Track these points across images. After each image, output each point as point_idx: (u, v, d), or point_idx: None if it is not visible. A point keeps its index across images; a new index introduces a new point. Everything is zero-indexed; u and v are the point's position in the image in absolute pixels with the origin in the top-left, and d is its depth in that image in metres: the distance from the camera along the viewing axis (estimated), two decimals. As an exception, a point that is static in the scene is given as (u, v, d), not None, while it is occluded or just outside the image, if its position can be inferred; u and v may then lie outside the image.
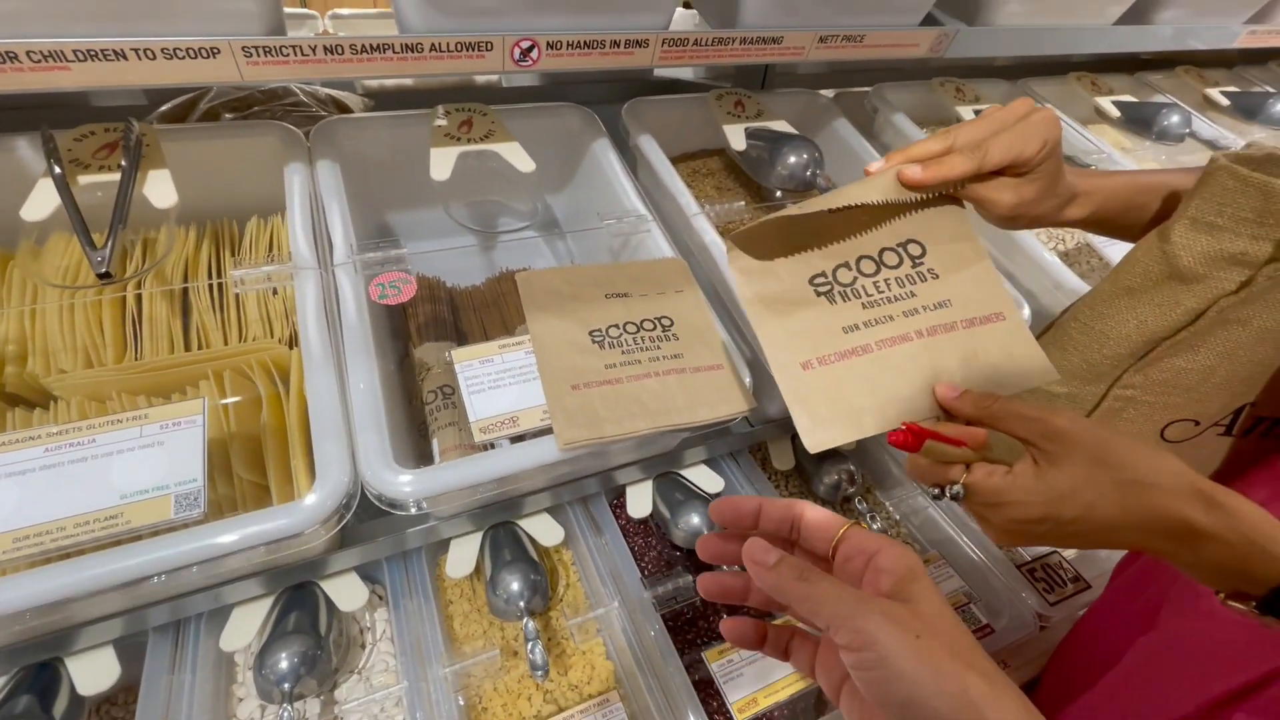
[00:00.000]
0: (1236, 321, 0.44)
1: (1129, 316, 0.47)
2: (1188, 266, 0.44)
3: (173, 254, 0.66)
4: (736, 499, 0.39)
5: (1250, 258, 0.43)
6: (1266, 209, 0.41)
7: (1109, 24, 0.93)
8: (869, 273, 0.47)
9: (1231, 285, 0.44)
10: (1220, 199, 0.43)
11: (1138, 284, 0.47)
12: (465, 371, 0.56)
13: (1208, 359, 0.45)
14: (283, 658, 0.55)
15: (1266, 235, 0.42)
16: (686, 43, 0.69)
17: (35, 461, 0.45)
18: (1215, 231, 0.43)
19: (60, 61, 0.50)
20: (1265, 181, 0.41)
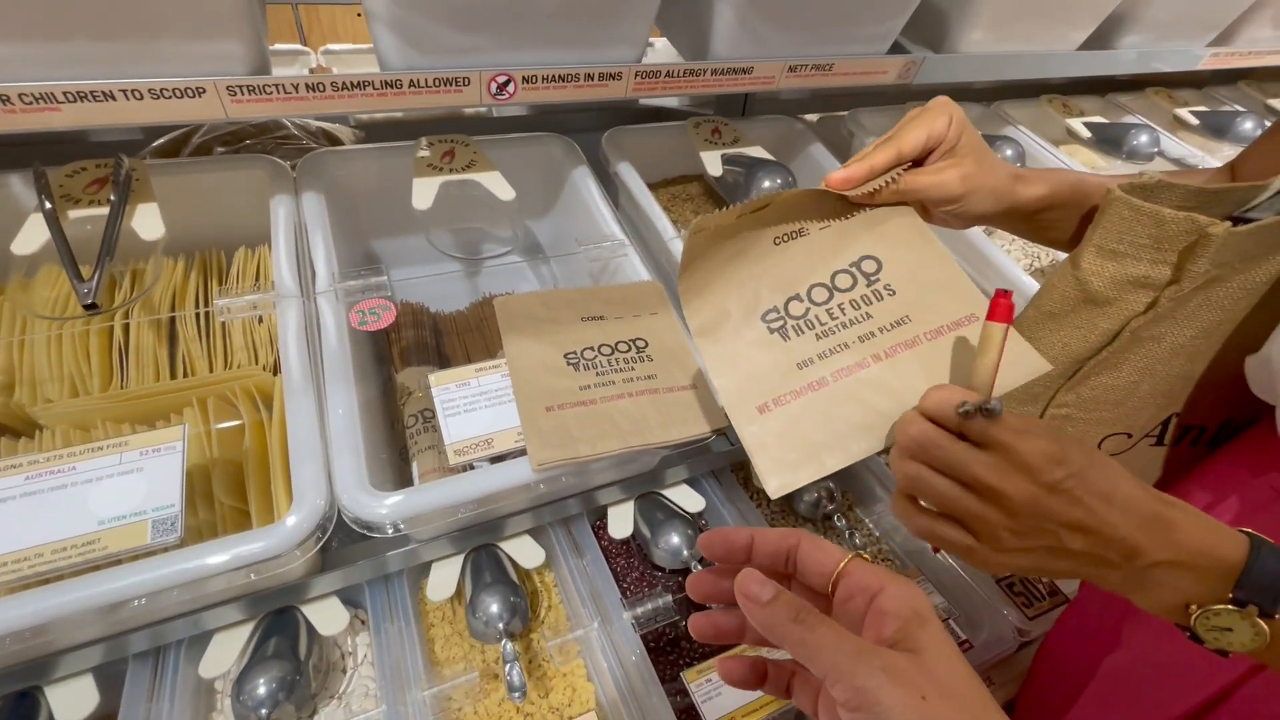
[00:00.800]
0: (1151, 339, 0.47)
1: (1054, 340, 0.50)
2: (1099, 290, 0.47)
3: (159, 284, 0.68)
4: (727, 531, 0.35)
5: (1153, 280, 0.45)
6: (1161, 235, 0.44)
7: (1073, 49, 0.97)
8: (821, 301, 0.46)
9: (1140, 306, 0.46)
10: (1120, 228, 0.45)
11: (1057, 309, 0.49)
12: (442, 395, 0.57)
13: (1130, 375, 0.48)
14: (260, 683, 0.55)
15: (1164, 259, 0.44)
16: (659, 74, 0.72)
17: (15, 489, 0.46)
18: (1119, 257, 0.46)
19: (51, 103, 0.52)
20: (1156, 210, 0.43)
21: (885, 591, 0.30)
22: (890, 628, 0.29)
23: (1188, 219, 0.43)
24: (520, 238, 0.90)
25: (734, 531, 0.35)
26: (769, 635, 0.31)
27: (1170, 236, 0.43)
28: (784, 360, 0.45)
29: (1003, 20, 0.86)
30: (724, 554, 0.35)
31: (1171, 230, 0.43)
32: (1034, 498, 0.34)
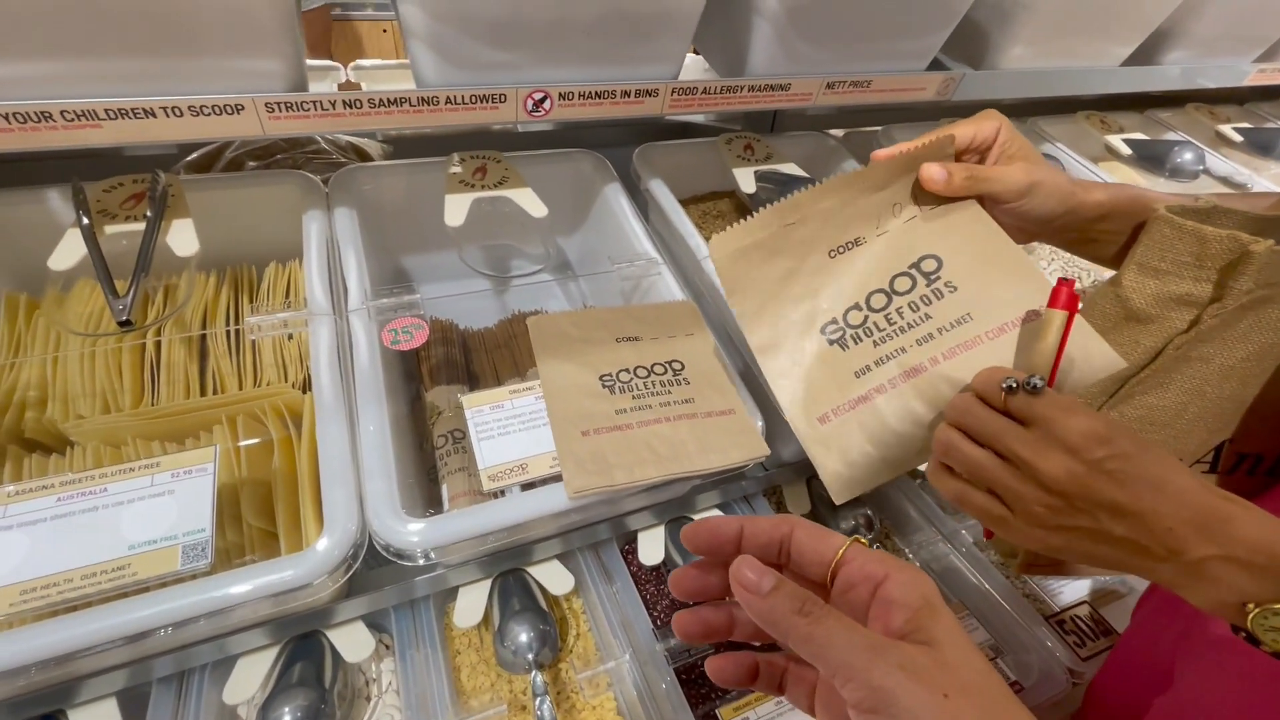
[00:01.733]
0: (1198, 359, 0.46)
1: None
2: (1140, 308, 0.47)
3: (192, 300, 0.68)
4: (715, 520, 0.32)
5: (1195, 298, 0.45)
6: (1203, 253, 0.44)
7: (1115, 65, 0.94)
8: (879, 307, 0.46)
9: (1182, 324, 0.46)
10: (1162, 245, 0.45)
11: (1099, 326, 0.49)
12: (475, 418, 0.56)
13: (1178, 396, 0.47)
14: (285, 712, 0.53)
15: (1205, 277, 0.44)
16: (695, 91, 0.71)
17: (47, 511, 0.45)
18: (1160, 275, 0.46)
19: (92, 120, 0.52)
20: (1197, 228, 0.43)
21: (891, 579, 0.28)
22: (899, 618, 0.27)
23: (1230, 237, 0.43)
24: (553, 255, 0.88)
25: (721, 521, 0.32)
26: (770, 629, 0.28)
27: (1212, 254, 0.43)
28: (843, 370, 0.46)
29: (1045, 36, 0.84)
30: (710, 546, 0.32)
31: (1214, 248, 0.43)
32: (1072, 475, 0.34)
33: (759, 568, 0.28)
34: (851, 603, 0.29)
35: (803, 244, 0.48)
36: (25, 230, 0.67)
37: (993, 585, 0.72)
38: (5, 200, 0.67)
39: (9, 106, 0.49)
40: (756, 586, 0.28)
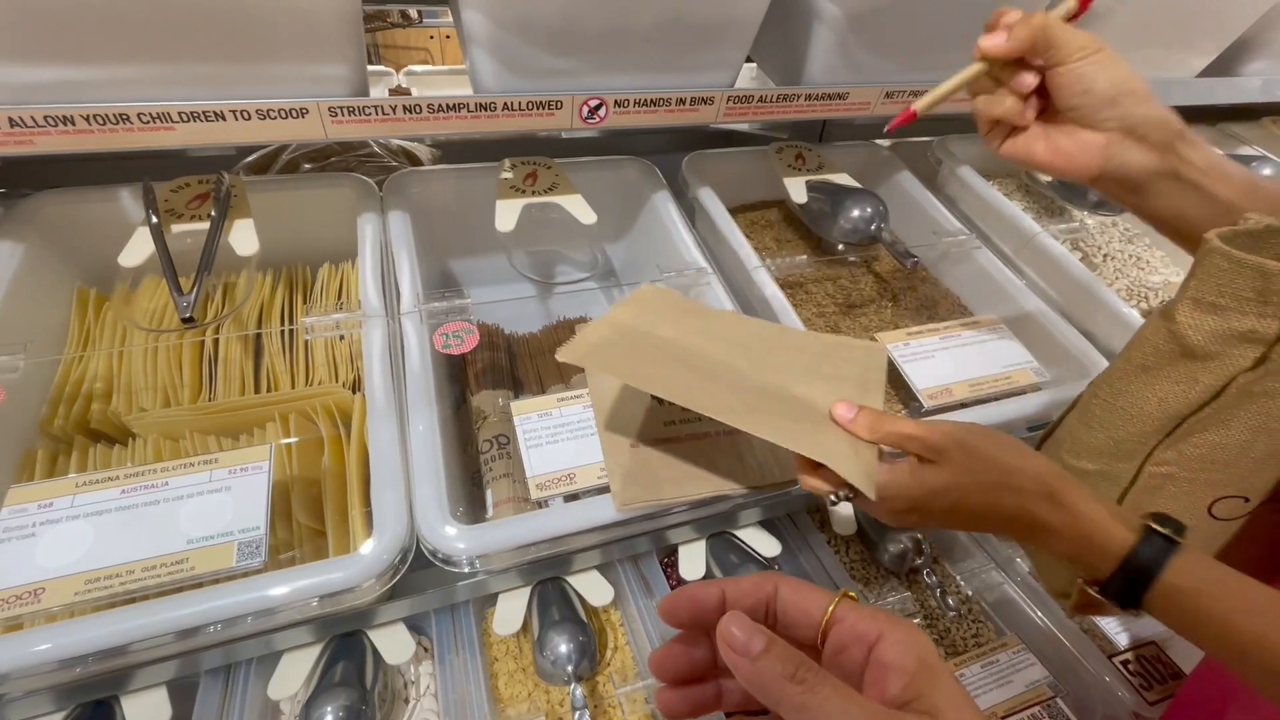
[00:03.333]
0: (1265, 394, 0.43)
1: (1149, 394, 0.46)
2: (1198, 344, 0.43)
3: (250, 299, 0.69)
4: (693, 589, 0.29)
5: (1261, 335, 0.42)
6: (1267, 288, 0.41)
7: (1191, 77, 0.90)
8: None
9: (1247, 361, 0.43)
10: (1218, 280, 0.42)
11: (1151, 362, 0.46)
12: (524, 425, 0.56)
13: (1242, 433, 0.44)
14: (328, 711, 0.54)
15: (1272, 313, 0.41)
16: (751, 100, 0.70)
17: (111, 503, 0.46)
18: (1220, 311, 0.43)
19: (166, 122, 0.54)
20: (1259, 263, 0.40)
21: (885, 639, 0.26)
22: (897, 684, 0.25)
23: None
24: (601, 262, 0.88)
25: (700, 589, 0.29)
26: (761, 696, 0.26)
27: (1277, 290, 0.40)
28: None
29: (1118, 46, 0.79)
30: (693, 617, 0.29)
31: (1278, 284, 0.40)
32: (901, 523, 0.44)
33: (748, 626, 0.26)
34: (845, 666, 0.27)
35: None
36: (96, 227, 0.70)
37: (1051, 618, 0.69)
38: (79, 198, 0.69)
39: (90, 109, 0.51)
40: (745, 648, 0.25)
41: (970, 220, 0.94)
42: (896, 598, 0.73)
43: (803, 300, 0.81)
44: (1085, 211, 0.98)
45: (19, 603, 0.41)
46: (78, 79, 0.51)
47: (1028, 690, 0.63)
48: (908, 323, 0.82)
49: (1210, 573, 0.38)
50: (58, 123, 0.51)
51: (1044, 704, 0.62)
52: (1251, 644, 0.36)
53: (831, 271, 0.86)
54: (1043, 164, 0.52)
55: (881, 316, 0.83)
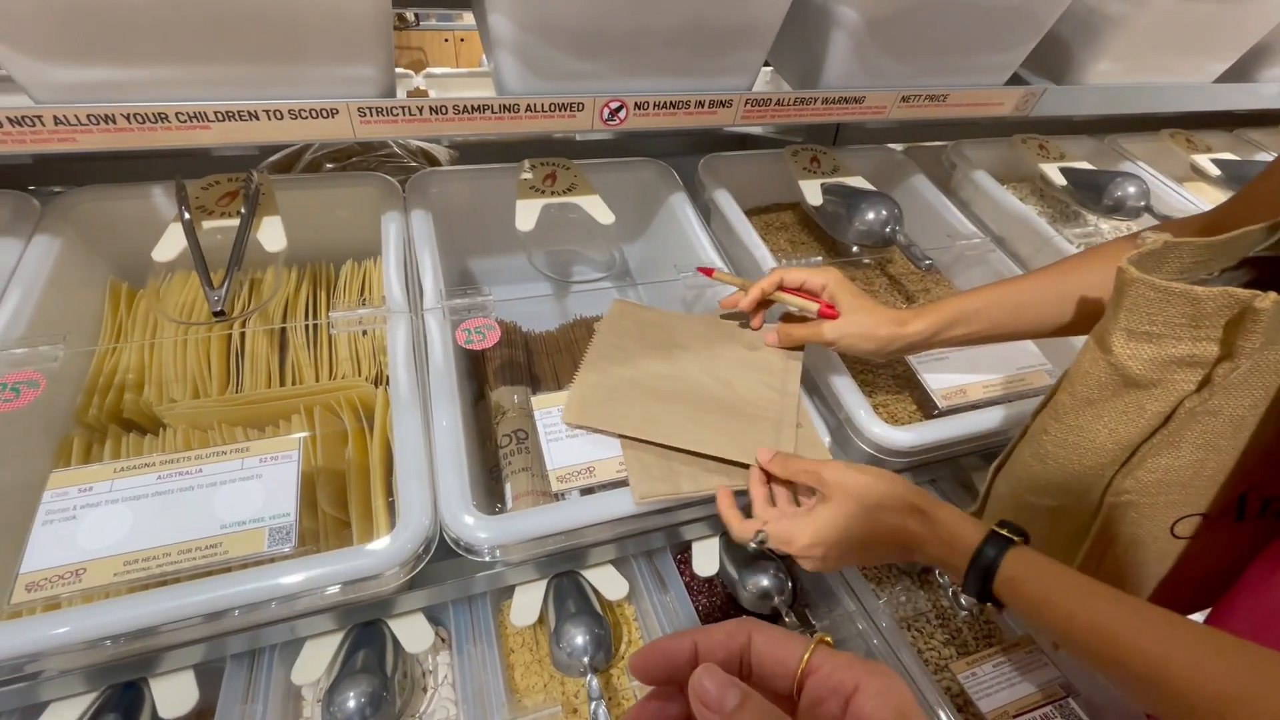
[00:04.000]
0: (1208, 413, 0.43)
1: (1098, 426, 0.47)
2: (1140, 374, 0.43)
3: (277, 294, 0.71)
4: (663, 644, 0.28)
5: (1200, 358, 0.42)
6: (1198, 313, 0.41)
7: (1208, 82, 0.90)
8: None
9: (1191, 385, 0.43)
10: (1148, 310, 0.42)
11: (1096, 395, 0.46)
12: (544, 419, 0.57)
13: (1193, 454, 0.44)
14: (350, 696, 0.55)
15: (1208, 336, 0.41)
16: (769, 103, 0.71)
17: (149, 488, 0.47)
18: (1155, 339, 0.43)
19: (203, 121, 0.55)
20: (1186, 290, 0.40)
21: (862, 691, 0.25)
22: None
23: (1224, 294, 0.39)
24: (619, 261, 0.89)
25: (671, 643, 0.27)
26: None
27: (1209, 314, 0.40)
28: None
29: (1135, 52, 0.81)
30: (665, 673, 0.27)
31: (1209, 308, 0.40)
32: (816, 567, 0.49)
33: (721, 680, 0.25)
34: (822, 719, 0.26)
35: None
36: (128, 222, 0.72)
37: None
38: (113, 195, 0.71)
39: (131, 108, 0.53)
40: (719, 704, 0.24)
41: (984, 223, 0.94)
42: (908, 598, 0.74)
43: (817, 301, 0.82)
44: (1099, 216, 0.98)
45: (61, 582, 0.42)
46: (118, 79, 0.53)
47: (1039, 690, 0.64)
48: (921, 325, 0.82)
49: (1037, 563, 0.42)
50: (99, 121, 0.53)
51: (1056, 703, 0.62)
52: (1064, 620, 0.39)
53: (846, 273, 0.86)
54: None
55: (895, 318, 0.83)
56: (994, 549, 0.43)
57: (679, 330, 0.68)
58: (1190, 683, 0.33)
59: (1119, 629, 0.37)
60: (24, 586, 0.42)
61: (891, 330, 0.59)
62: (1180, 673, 0.34)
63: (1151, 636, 0.36)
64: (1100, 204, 0.94)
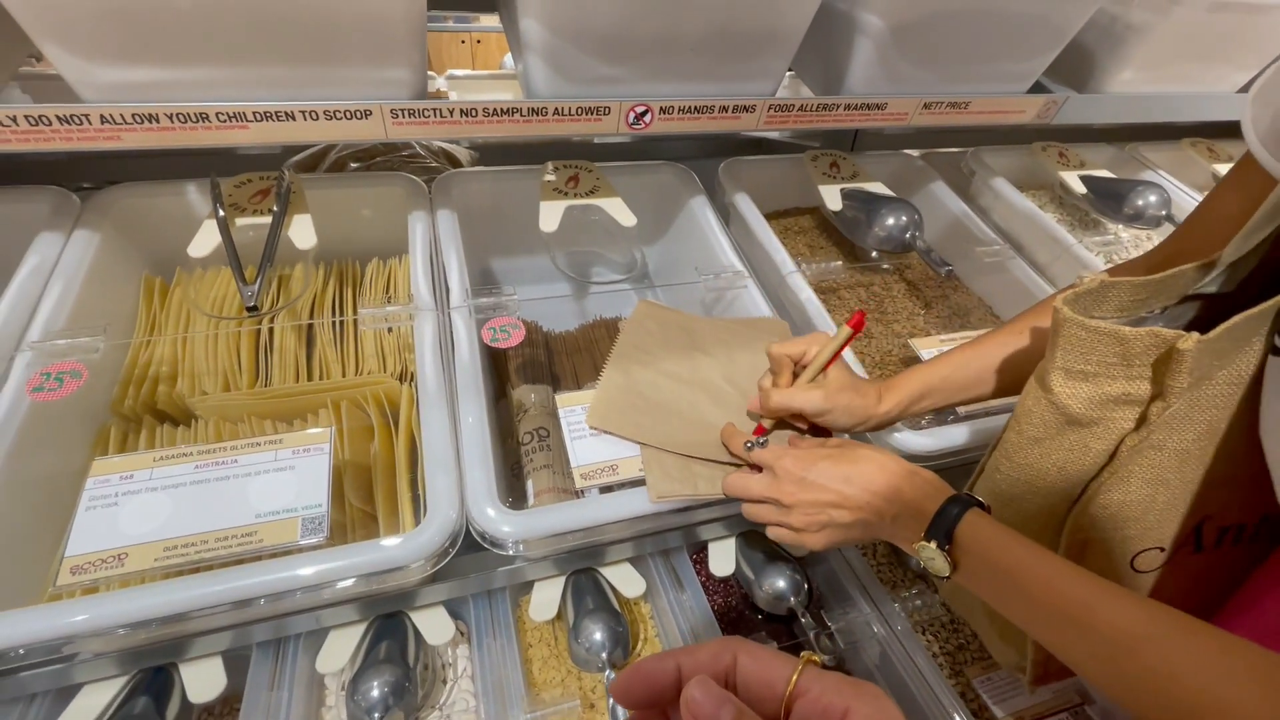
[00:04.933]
0: (1152, 448, 0.43)
1: (1047, 465, 0.47)
2: (1080, 413, 0.44)
3: (307, 291, 0.72)
4: (646, 665, 0.27)
5: (1134, 396, 0.43)
6: (1127, 352, 0.41)
7: (1232, 91, 0.90)
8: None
9: (1129, 424, 0.44)
10: (1081, 349, 0.43)
11: (1041, 433, 0.47)
12: (568, 418, 0.58)
13: (1142, 488, 0.45)
14: (375, 686, 0.56)
15: (1139, 374, 0.42)
16: (792, 108, 0.71)
17: (186, 477, 0.49)
18: (1091, 378, 0.43)
19: (241, 121, 0.57)
20: (1114, 330, 0.41)
21: (852, 714, 0.24)
22: None
23: (1150, 335, 0.40)
24: (640, 263, 0.90)
25: (653, 665, 0.26)
26: None
27: (1137, 353, 0.41)
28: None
29: (1159, 61, 0.81)
30: (649, 696, 0.26)
31: (1136, 347, 0.41)
32: (794, 493, 0.51)
33: (715, 695, 0.24)
34: None
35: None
36: (163, 219, 0.74)
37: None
38: (149, 192, 0.73)
39: (174, 108, 0.54)
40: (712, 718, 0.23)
41: (1002, 230, 0.94)
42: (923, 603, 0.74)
43: (835, 305, 0.83)
44: (1120, 224, 0.98)
45: (104, 566, 0.44)
46: (161, 80, 0.54)
47: (1055, 697, 0.64)
48: (939, 330, 0.83)
49: (987, 525, 0.44)
50: (143, 120, 0.54)
51: (1071, 710, 0.62)
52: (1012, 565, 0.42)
53: (864, 278, 0.87)
54: None
55: (914, 323, 0.84)
56: (958, 506, 0.45)
57: (701, 334, 0.69)
58: (1111, 624, 0.36)
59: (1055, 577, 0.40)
60: (69, 569, 0.43)
61: (869, 412, 0.58)
62: (1104, 614, 0.37)
63: (1086, 585, 0.39)
64: (1120, 212, 0.94)
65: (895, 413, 0.59)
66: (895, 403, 0.58)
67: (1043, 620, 0.40)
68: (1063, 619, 0.39)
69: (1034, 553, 0.42)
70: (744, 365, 0.66)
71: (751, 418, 0.62)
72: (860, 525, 0.50)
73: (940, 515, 0.45)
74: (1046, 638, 0.41)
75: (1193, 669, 0.33)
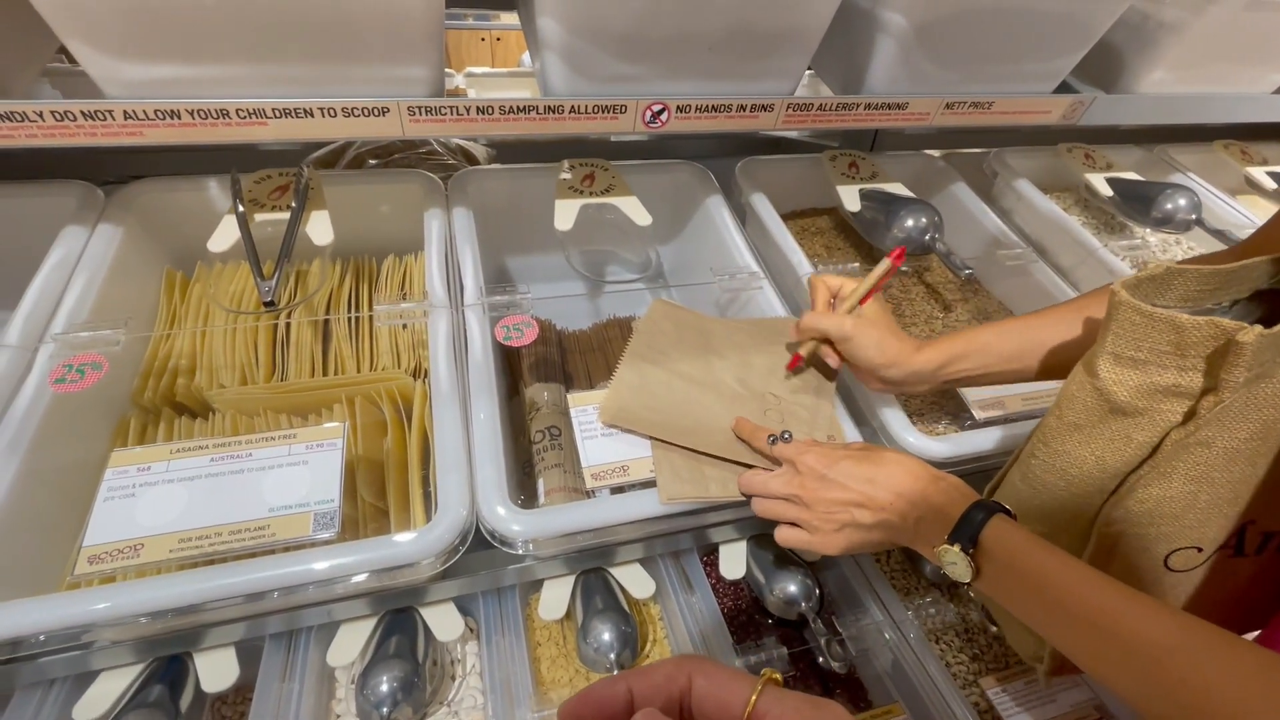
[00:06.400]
0: (1199, 444, 0.41)
1: (1085, 453, 0.45)
2: (1125, 401, 0.42)
3: (323, 286, 0.73)
4: (596, 691, 0.26)
5: (1185, 389, 0.41)
6: (1183, 341, 0.39)
7: (1268, 92, 0.87)
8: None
9: (1176, 416, 0.42)
10: (1134, 335, 0.41)
11: (1083, 420, 0.45)
12: (580, 417, 0.57)
13: (1184, 485, 0.43)
14: (384, 680, 0.56)
15: (1192, 365, 0.40)
16: (811, 107, 0.70)
17: (202, 469, 0.49)
18: (1141, 365, 0.41)
19: (261, 118, 0.57)
20: (1171, 317, 0.39)
21: None
22: None
23: (1209, 324, 0.38)
24: (655, 263, 0.90)
25: (603, 690, 0.26)
26: None
27: (1193, 343, 0.39)
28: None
29: (1192, 60, 0.79)
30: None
31: (1193, 336, 0.39)
32: (815, 490, 0.50)
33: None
34: None
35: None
36: (184, 213, 0.75)
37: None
38: (171, 187, 0.74)
39: (195, 104, 0.55)
40: None
41: (1024, 233, 0.93)
42: (936, 610, 0.73)
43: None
44: (1147, 228, 0.96)
45: (120, 556, 0.44)
46: (182, 77, 0.55)
47: (1072, 711, 0.62)
48: (958, 334, 0.81)
49: (1013, 531, 0.43)
50: (166, 116, 0.55)
51: (1089, 725, 0.61)
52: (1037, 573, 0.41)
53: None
54: None
55: (933, 326, 0.82)
56: (983, 512, 0.44)
57: (716, 335, 0.68)
58: (1140, 633, 0.35)
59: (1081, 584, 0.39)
60: (86, 559, 0.44)
61: (900, 355, 0.57)
62: (1133, 623, 0.36)
63: (1115, 593, 0.38)
64: (1149, 216, 0.92)
65: (931, 367, 0.57)
66: (934, 356, 0.57)
67: (1067, 628, 0.40)
68: (1089, 627, 0.38)
69: (1060, 559, 0.41)
70: (759, 368, 0.65)
71: (789, 349, 0.64)
72: (882, 527, 0.49)
73: (965, 519, 0.44)
74: (1071, 645, 0.40)
75: (1227, 683, 0.32)
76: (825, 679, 0.70)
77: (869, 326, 0.58)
